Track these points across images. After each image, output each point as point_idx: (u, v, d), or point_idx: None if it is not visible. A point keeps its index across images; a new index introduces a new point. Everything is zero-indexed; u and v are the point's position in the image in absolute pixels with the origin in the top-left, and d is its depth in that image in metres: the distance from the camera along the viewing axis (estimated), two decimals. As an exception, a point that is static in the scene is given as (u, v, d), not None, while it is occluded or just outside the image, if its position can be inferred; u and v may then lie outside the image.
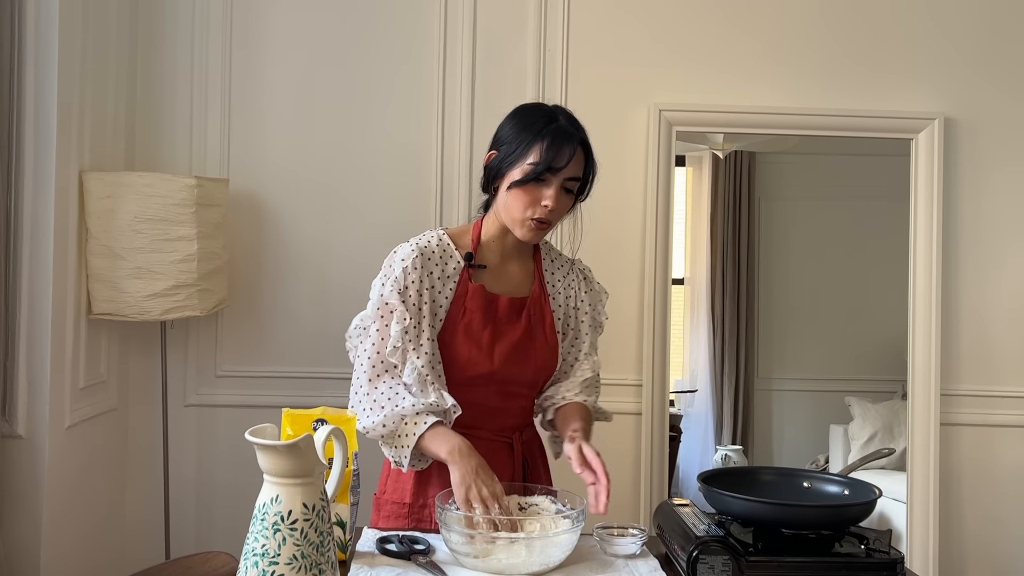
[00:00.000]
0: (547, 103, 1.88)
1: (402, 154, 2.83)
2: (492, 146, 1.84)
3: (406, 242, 1.84)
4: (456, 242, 1.84)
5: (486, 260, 1.85)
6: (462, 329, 1.80)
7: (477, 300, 1.81)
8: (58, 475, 2.36)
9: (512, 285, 1.88)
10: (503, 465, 1.84)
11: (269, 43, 2.81)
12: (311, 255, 2.82)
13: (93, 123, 2.50)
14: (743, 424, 3.23)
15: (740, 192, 3.21)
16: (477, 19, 2.82)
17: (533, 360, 1.86)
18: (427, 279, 1.78)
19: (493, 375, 1.81)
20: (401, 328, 1.73)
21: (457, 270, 1.82)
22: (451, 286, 1.81)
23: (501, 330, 1.82)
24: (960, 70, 2.89)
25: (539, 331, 1.87)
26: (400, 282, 1.76)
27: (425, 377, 1.72)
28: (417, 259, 1.78)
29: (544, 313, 1.89)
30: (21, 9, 2.26)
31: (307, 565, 1.25)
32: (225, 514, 2.80)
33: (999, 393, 2.88)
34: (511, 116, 1.85)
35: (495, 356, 1.81)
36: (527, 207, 1.77)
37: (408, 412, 1.70)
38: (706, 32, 2.87)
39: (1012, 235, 2.90)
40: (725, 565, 1.45)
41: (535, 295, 1.89)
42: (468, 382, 1.81)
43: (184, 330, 2.79)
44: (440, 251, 1.82)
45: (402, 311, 1.74)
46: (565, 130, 1.77)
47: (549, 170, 1.75)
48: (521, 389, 1.88)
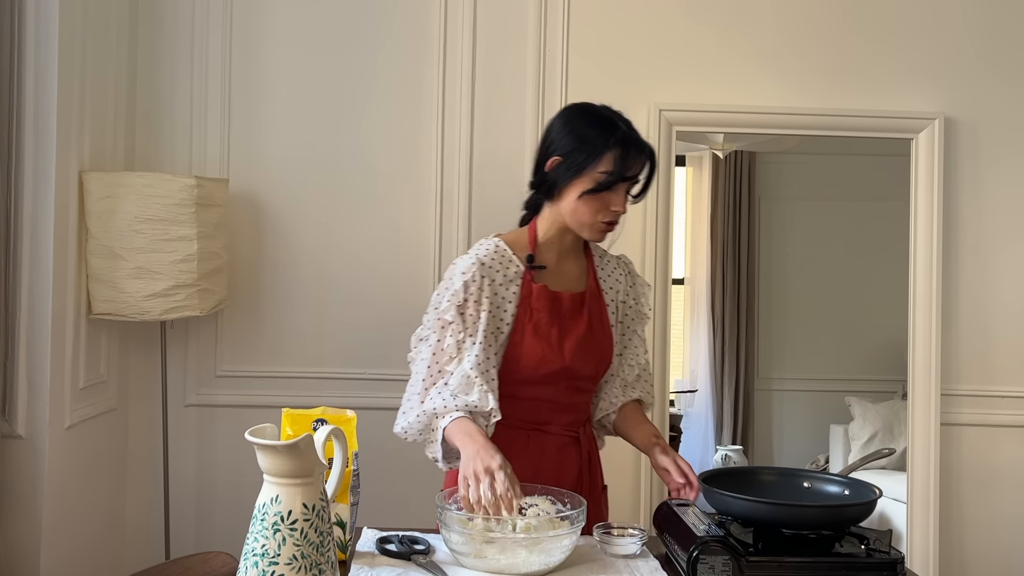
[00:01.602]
0: (596, 104, 1.90)
1: (402, 154, 2.83)
2: (551, 151, 1.86)
3: (465, 254, 1.88)
4: (513, 247, 1.89)
5: (545, 260, 1.90)
6: (531, 329, 1.84)
7: (542, 300, 1.86)
8: (58, 475, 2.36)
9: (570, 282, 1.93)
10: (570, 459, 1.91)
11: (269, 43, 2.81)
12: (311, 255, 2.82)
13: (93, 123, 2.50)
14: (743, 424, 3.23)
15: (740, 192, 3.21)
16: (477, 19, 2.82)
17: (596, 353, 1.91)
18: (488, 288, 1.82)
19: (564, 371, 1.86)
20: (456, 340, 1.78)
21: (518, 273, 1.86)
22: (514, 289, 1.85)
23: (567, 326, 1.87)
24: (960, 70, 2.89)
25: (598, 325, 1.93)
26: (459, 295, 1.80)
27: (473, 380, 1.75)
28: (477, 271, 1.82)
29: (601, 307, 1.95)
30: (21, 9, 2.26)
31: (307, 565, 1.25)
32: (225, 514, 2.80)
33: (999, 393, 2.88)
34: (570, 121, 1.87)
35: (565, 352, 1.85)
36: (597, 212, 1.83)
37: (440, 409, 1.74)
38: (706, 32, 2.87)
39: (1012, 235, 2.90)
40: (725, 565, 1.45)
41: (592, 290, 1.94)
42: (540, 380, 1.85)
43: (184, 330, 2.79)
44: (499, 257, 1.86)
45: (458, 324, 1.79)
46: (636, 139, 1.83)
47: (623, 179, 1.81)
48: (586, 384, 1.93)
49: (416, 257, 2.82)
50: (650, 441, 1.89)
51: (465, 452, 1.66)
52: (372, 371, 2.78)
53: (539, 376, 1.85)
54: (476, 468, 1.60)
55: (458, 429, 1.71)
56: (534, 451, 1.86)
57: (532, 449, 1.86)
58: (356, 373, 2.80)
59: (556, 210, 1.88)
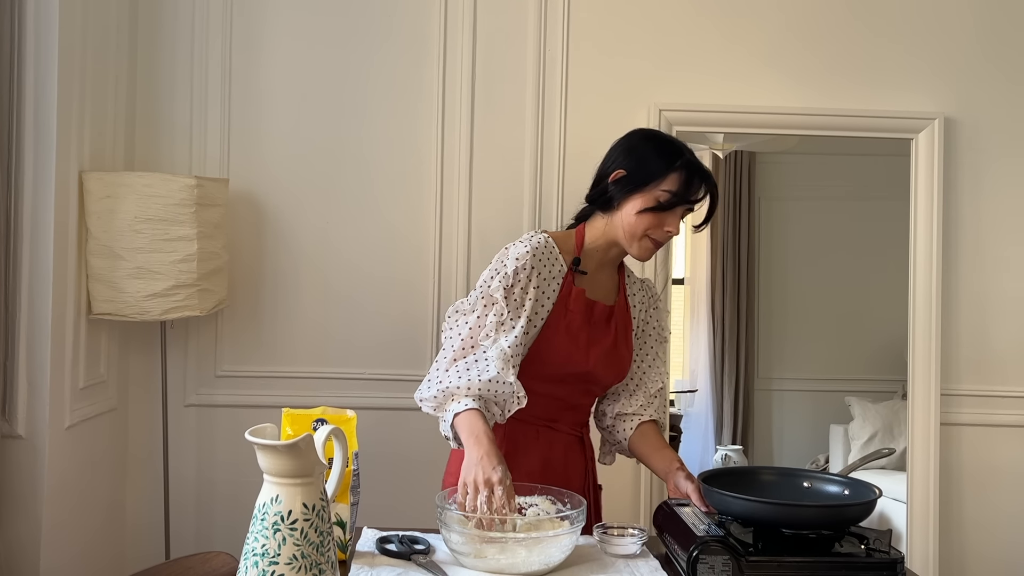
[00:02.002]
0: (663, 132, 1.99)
1: (402, 154, 2.83)
2: (616, 164, 1.90)
3: (518, 241, 1.89)
4: (560, 246, 1.91)
5: (586, 267, 1.93)
6: (564, 328, 1.87)
7: (579, 303, 1.89)
8: (58, 475, 2.36)
9: (602, 293, 1.96)
10: (576, 457, 1.97)
11: (269, 43, 2.81)
12: (311, 255, 2.82)
13: (93, 123, 2.50)
14: (743, 424, 3.23)
15: (740, 192, 3.21)
16: (477, 19, 2.82)
17: (617, 365, 1.95)
18: (535, 278, 1.84)
19: (586, 375, 1.90)
20: (497, 320, 1.80)
21: (561, 272, 1.89)
22: (555, 287, 1.88)
23: (595, 335, 1.91)
24: (960, 70, 2.89)
25: (623, 339, 1.96)
26: (509, 279, 1.82)
27: (509, 357, 1.77)
28: (531, 260, 1.84)
29: (627, 323, 1.99)
30: (21, 9, 2.26)
31: (307, 565, 1.25)
32: (225, 514, 2.80)
33: (999, 393, 2.88)
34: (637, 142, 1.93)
35: (591, 357, 1.89)
36: (649, 228, 1.85)
37: (460, 389, 1.75)
38: (706, 32, 2.87)
39: (1012, 235, 2.90)
40: (725, 565, 1.45)
41: (620, 305, 1.98)
42: (561, 378, 1.89)
43: (184, 330, 2.79)
44: (548, 252, 1.88)
45: (502, 306, 1.81)
46: (701, 167, 1.88)
47: (685, 202, 1.85)
48: (599, 390, 1.99)
49: (416, 256, 2.82)
50: (672, 467, 1.89)
51: (469, 455, 1.66)
52: (372, 371, 2.78)
53: (561, 375, 1.88)
54: (477, 478, 1.61)
55: (467, 425, 1.71)
56: (543, 446, 1.90)
57: (541, 444, 1.90)
58: (356, 373, 2.80)
59: (609, 222, 1.91)
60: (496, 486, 1.59)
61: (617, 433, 2.01)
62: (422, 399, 1.81)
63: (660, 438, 2.01)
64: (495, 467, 1.62)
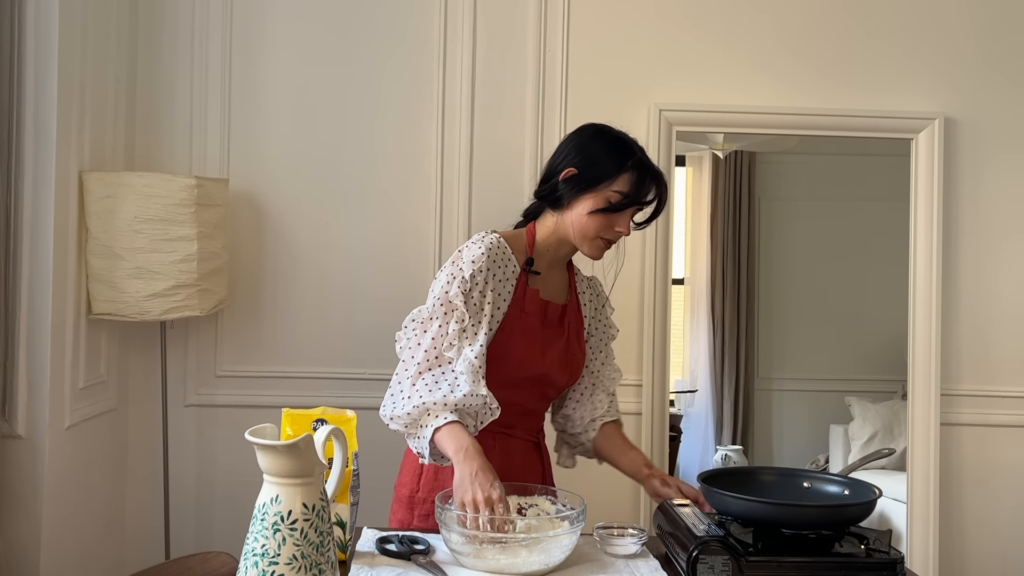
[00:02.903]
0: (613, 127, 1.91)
1: (402, 154, 2.83)
2: (567, 162, 1.85)
3: (471, 243, 1.85)
4: (512, 246, 1.88)
5: (539, 266, 1.90)
6: (520, 330, 1.84)
7: (534, 304, 1.86)
8: (58, 475, 2.36)
9: (553, 292, 1.93)
10: (534, 462, 1.96)
11: (269, 43, 2.81)
12: (311, 255, 2.82)
13: (93, 123, 2.50)
14: (743, 424, 3.23)
15: (740, 192, 3.21)
16: (477, 19, 2.82)
17: (572, 366, 1.93)
18: (491, 280, 1.81)
19: (542, 377, 1.87)
20: (460, 328, 1.76)
21: (515, 273, 1.86)
22: (509, 288, 1.85)
23: (549, 335, 1.88)
24: (960, 70, 2.89)
25: (575, 339, 1.94)
26: (467, 283, 1.78)
27: (477, 369, 1.74)
28: (486, 261, 1.80)
29: (579, 322, 1.97)
30: (21, 9, 2.26)
31: (307, 565, 1.25)
32: (225, 514, 2.80)
33: (999, 393, 2.88)
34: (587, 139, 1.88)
35: (546, 359, 1.86)
36: (601, 229, 1.83)
37: (437, 405, 1.71)
38: (706, 32, 2.87)
39: (1012, 235, 2.90)
40: (725, 565, 1.45)
41: (572, 304, 1.96)
42: (516, 382, 1.85)
43: (184, 330, 2.79)
44: (501, 253, 1.84)
45: (463, 311, 1.77)
46: (651, 167, 1.85)
47: (636, 203, 1.83)
48: (553, 392, 1.96)
49: (416, 256, 2.82)
50: (643, 472, 1.91)
51: (461, 471, 1.62)
52: (372, 371, 2.78)
53: (517, 379, 1.84)
54: (476, 497, 1.57)
55: (451, 439, 1.67)
56: (500, 454, 1.83)
57: (498, 451, 1.83)
58: (356, 373, 2.80)
59: (560, 220, 1.87)
60: (496, 504, 1.57)
61: (581, 436, 1.99)
62: (392, 417, 1.75)
63: (624, 439, 2.00)
64: (492, 484, 1.59)
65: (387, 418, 1.77)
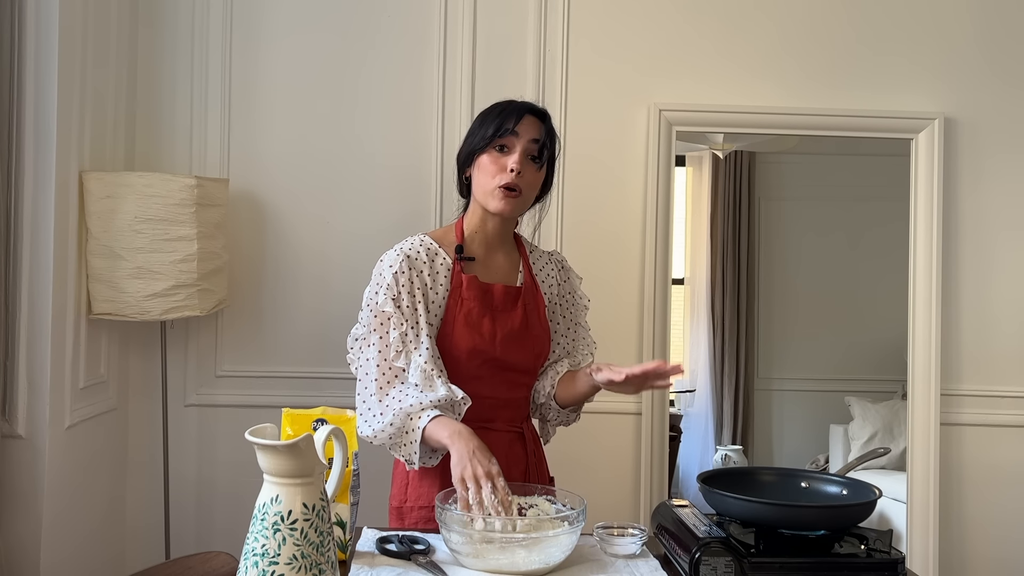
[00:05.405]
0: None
1: (402, 154, 2.83)
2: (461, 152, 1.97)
3: (390, 249, 1.91)
4: (439, 241, 1.92)
5: (473, 252, 1.93)
6: (462, 318, 1.86)
7: (473, 289, 1.88)
8: (58, 475, 2.36)
9: (501, 274, 1.96)
10: (518, 454, 1.95)
11: (269, 43, 2.81)
12: (311, 255, 2.82)
13: (93, 123, 2.50)
14: (743, 424, 3.23)
15: (740, 192, 3.21)
16: (477, 19, 2.82)
17: (531, 346, 1.94)
18: (416, 280, 1.85)
19: (496, 361, 1.88)
20: (400, 333, 1.80)
21: (446, 265, 1.89)
22: (443, 282, 1.88)
23: (499, 317, 1.90)
24: (960, 70, 2.89)
25: (535, 318, 1.95)
26: (392, 289, 1.83)
27: (431, 372, 1.77)
28: (404, 263, 1.85)
29: (538, 301, 1.98)
30: (21, 9, 2.26)
31: (307, 565, 1.25)
32: (225, 514, 2.80)
33: (999, 393, 2.88)
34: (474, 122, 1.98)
35: (497, 342, 1.87)
36: (495, 175, 1.86)
37: (415, 408, 1.75)
38: (706, 32, 2.87)
39: (1012, 235, 2.90)
40: (728, 566, 1.44)
41: (528, 284, 1.97)
42: (475, 373, 1.86)
43: (184, 330, 2.79)
44: (424, 251, 1.89)
45: (398, 317, 1.81)
46: (515, 103, 1.92)
47: (502, 131, 1.86)
48: (523, 378, 1.96)
49: (416, 257, 2.82)
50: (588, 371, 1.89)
51: (458, 451, 1.65)
52: (372, 371, 2.78)
53: (473, 368, 1.86)
54: (476, 472, 1.61)
55: (443, 428, 1.71)
56: None
57: None
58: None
59: (475, 199, 1.93)
60: (496, 477, 1.60)
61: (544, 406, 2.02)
62: (376, 434, 1.77)
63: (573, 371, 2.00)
64: (490, 459, 1.64)
65: (370, 437, 1.79)
